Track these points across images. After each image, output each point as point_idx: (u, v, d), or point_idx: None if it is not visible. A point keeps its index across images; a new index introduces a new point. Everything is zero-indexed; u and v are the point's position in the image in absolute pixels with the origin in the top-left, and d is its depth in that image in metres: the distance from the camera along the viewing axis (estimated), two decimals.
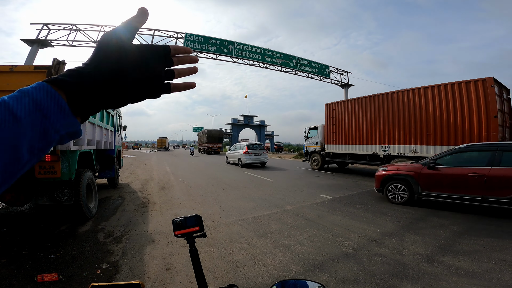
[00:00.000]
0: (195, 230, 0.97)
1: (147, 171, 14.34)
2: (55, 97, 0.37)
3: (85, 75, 0.40)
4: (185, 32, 22.01)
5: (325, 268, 3.15)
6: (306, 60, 27.83)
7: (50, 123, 0.36)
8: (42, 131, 0.36)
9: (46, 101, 0.36)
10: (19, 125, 0.33)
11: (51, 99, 0.36)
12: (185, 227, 0.96)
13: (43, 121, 0.36)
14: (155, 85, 0.45)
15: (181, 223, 0.97)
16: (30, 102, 0.35)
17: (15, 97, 0.35)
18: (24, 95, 0.35)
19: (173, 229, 0.97)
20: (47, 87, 0.37)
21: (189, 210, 5.93)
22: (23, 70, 3.68)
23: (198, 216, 0.98)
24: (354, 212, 5.62)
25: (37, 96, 0.36)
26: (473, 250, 3.58)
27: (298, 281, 0.82)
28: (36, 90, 0.36)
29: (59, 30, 19.76)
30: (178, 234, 0.97)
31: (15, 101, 0.34)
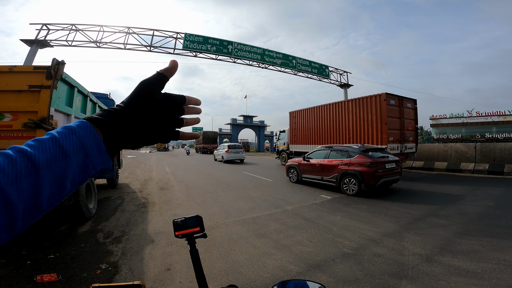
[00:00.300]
0: (195, 231, 0.97)
1: (147, 171, 14.33)
2: (96, 137, 0.41)
3: (120, 116, 0.45)
4: (185, 32, 22.01)
5: (324, 268, 3.15)
6: (306, 60, 27.84)
7: (90, 160, 0.40)
8: (84, 167, 0.40)
9: (89, 140, 0.40)
10: (67, 161, 0.38)
11: (93, 138, 0.41)
12: (185, 228, 0.96)
13: (85, 158, 0.40)
14: (169, 131, 0.51)
15: (181, 223, 0.96)
16: (77, 141, 0.39)
17: (63, 134, 0.39)
18: (71, 132, 0.39)
19: (174, 229, 0.97)
20: (90, 127, 0.41)
21: (188, 211, 5.93)
22: (23, 70, 3.68)
23: (198, 216, 0.98)
24: (353, 212, 5.62)
25: (82, 135, 0.40)
26: (472, 250, 3.59)
27: (299, 281, 0.82)
28: (81, 130, 0.40)
29: (59, 30, 19.74)
30: (178, 235, 0.97)
31: (65, 139, 0.38)
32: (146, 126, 0.47)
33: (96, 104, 5.79)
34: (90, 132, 0.41)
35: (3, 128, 3.38)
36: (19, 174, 0.33)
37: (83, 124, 0.41)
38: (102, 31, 20.57)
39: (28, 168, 0.34)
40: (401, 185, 9.11)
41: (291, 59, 26.72)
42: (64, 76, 3.81)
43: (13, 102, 3.43)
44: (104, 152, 0.42)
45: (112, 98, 8.15)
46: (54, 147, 0.37)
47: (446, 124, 40.06)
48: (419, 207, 5.95)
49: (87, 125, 0.41)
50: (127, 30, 21.07)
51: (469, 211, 5.55)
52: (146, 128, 0.47)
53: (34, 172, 0.34)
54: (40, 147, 0.36)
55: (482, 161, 11.81)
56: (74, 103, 4.36)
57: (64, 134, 0.39)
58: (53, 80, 3.49)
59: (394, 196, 7.26)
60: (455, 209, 5.79)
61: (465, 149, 12.54)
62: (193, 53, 22.65)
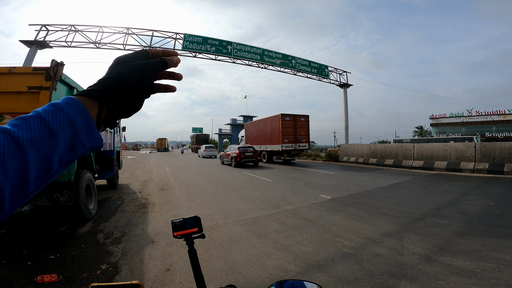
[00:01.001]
0: (194, 231, 0.97)
1: (147, 172, 14.34)
2: (85, 114, 0.40)
3: (111, 84, 0.45)
4: (184, 33, 22.00)
5: (324, 268, 3.16)
6: (305, 60, 27.82)
7: (78, 138, 0.39)
8: (72, 145, 0.39)
9: (77, 118, 0.39)
10: (54, 139, 0.36)
11: (81, 115, 0.40)
12: (184, 228, 0.97)
13: (73, 136, 0.39)
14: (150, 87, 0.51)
15: (180, 224, 0.97)
16: (64, 118, 0.38)
17: (50, 112, 0.37)
18: (58, 110, 0.38)
19: (172, 230, 0.98)
20: (79, 104, 0.40)
21: (188, 211, 5.94)
22: (22, 71, 3.68)
23: (196, 217, 0.99)
24: (353, 212, 5.63)
25: (70, 112, 0.39)
26: (472, 250, 3.59)
27: (296, 281, 0.82)
28: (69, 107, 0.39)
29: (58, 31, 19.73)
30: (177, 235, 0.97)
31: (50, 116, 0.37)
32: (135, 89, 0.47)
33: None
34: (78, 109, 0.40)
35: None
36: (2, 154, 0.32)
37: (71, 101, 0.40)
38: (101, 32, 20.57)
39: (12, 147, 0.32)
40: (400, 185, 9.14)
41: (290, 59, 26.72)
42: (63, 77, 3.82)
43: (12, 103, 3.43)
44: (94, 128, 0.41)
45: None
46: (39, 125, 0.35)
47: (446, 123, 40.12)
48: (418, 207, 5.96)
49: (75, 102, 0.40)
50: (126, 31, 21.07)
51: (469, 211, 5.56)
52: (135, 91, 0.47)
53: (18, 152, 0.33)
54: (24, 125, 0.35)
55: (482, 160, 11.81)
56: None
57: (50, 112, 0.37)
58: (52, 81, 3.49)
59: (394, 196, 7.27)
60: (455, 208, 5.80)
61: (464, 149, 12.55)
62: (193, 54, 22.65)
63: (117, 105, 0.46)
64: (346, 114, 29.63)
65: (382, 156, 16.32)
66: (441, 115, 40.83)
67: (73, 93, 4.31)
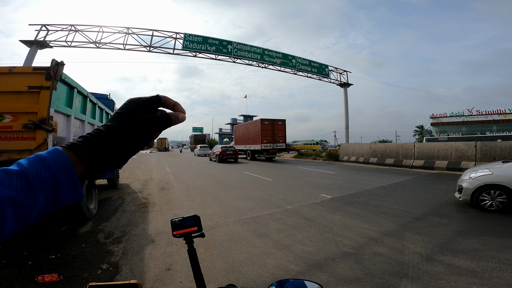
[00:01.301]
0: (193, 230, 0.97)
1: (147, 171, 14.34)
2: (71, 173, 0.39)
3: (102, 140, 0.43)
4: (184, 33, 21.99)
5: (325, 268, 3.16)
6: (306, 59, 27.79)
7: (60, 196, 0.39)
8: (52, 202, 0.38)
9: (62, 176, 0.38)
10: (35, 197, 0.36)
11: (67, 173, 0.39)
12: (183, 227, 0.96)
13: (56, 194, 0.38)
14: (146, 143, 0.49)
15: (179, 223, 0.97)
16: (49, 177, 0.37)
17: (35, 169, 0.36)
18: (44, 167, 0.37)
19: (172, 229, 0.98)
20: (66, 161, 0.39)
21: (189, 211, 5.94)
22: (22, 71, 3.67)
23: (196, 216, 0.98)
24: (354, 212, 5.62)
25: (55, 170, 0.38)
26: (473, 249, 3.59)
27: (296, 281, 0.82)
28: (56, 163, 0.38)
29: (58, 31, 19.72)
30: (176, 234, 0.97)
31: (35, 174, 0.36)
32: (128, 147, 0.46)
33: (96, 104, 5.79)
34: (64, 167, 0.38)
35: (3, 129, 3.38)
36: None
37: (59, 158, 0.38)
38: (101, 32, 20.57)
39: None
40: (400, 184, 9.13)
41: (290, 59, 26.70)
42: (64, 77, 3.81)
43: (12, 103, 3.43)
44: (77, 187, 0.40)
45: (112, 99, 8.14)
46: (22, 183, 0.35)
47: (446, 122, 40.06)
48: (419, 207, 5.95)
49: (63, 158, 0.39)
50: (127, 31, 21.07)
51: (469, 210, 5.55)
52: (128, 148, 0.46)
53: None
54: (6, 182, 0.34)
55: (482, 159, 11.80)
56: (74, 104, 4.36)
57: (35, 170, 0.36)
58: (53, 81, 3.49)
59: (394, 196, 7.26)
60: (456, 208, 5.79)
61: (465, 148, 12.54)
62: (193, 53, 22.65)
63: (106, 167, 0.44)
64: (347, 114, 29.61)
65: (382, 156, 16.31)
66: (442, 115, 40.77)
67: (73, 93, 4.31)
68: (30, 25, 19.32)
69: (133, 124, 0.45)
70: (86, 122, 5.15)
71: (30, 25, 19.31)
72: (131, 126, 0.45)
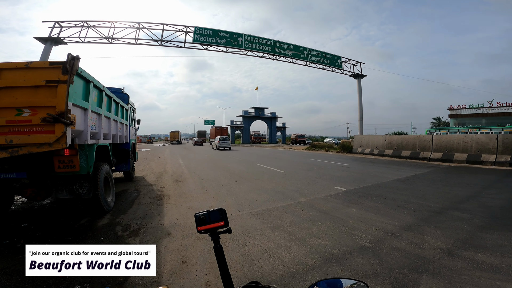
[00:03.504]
0: (219, 226, 0.91)
1: (161, 164, 14.56)
2: None
3: None
4: (194, 26, 21.94)
5: (341, 262, 3.10)
6: (317, 51, 27.27)
7: None
8: None
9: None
10: None
11: None
12: (209, 222, 0.90)
13: None
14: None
15: (204, 217, 0.90)
16: None
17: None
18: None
19: (196, 224, 0.90)
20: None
21: (203, 203, 5.98)
22: (39, 66, 3.73)
23: (222, 210, 0.91)
24: (370, 205, 5.51)
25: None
26: (496, 245, 3.45)
27: (330, 280, 0.77)
28: None
29: (71, 27, 20.03)
30: (201, 230, 0.90)
31: None
32: None
33: (111, 98, 5.85)
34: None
35: (23, 123, 3.46)
36: None
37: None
38: (113, 27, 20.78)
39: None
40: (418, 177, 8.88)
41: (302, 50, 26.26)
42: (80, 71, 3.85)
43: (30, 97, 3.49)
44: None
45: (126, 93, 8.23)
46: None
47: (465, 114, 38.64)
48: (438, 200, 5.77)
49: None
50: (138, 26, 21.20)
51: (491, 204, 5.34)
52: None
53: None
54: None
55: (504, 152, 11.33)
56: (90, 98, 4.41)
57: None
58: (70, 75, 3.52)
59: (412, 189, 7.08)
60: (477, 202, 5.59)
61: (486, 140, 12.07)
62: (203, 47, 22.60)
63: None
64: (361, 105, 29.02)
65: (398, 148, 15.93)
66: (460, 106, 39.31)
67: (89, 87, 4.35)
68: (43, 22, 19.73)
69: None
70: (103, 115, 5.21)
71: (44, 22, 19.72)
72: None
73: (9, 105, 3.46)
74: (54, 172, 4.15)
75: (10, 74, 3.59)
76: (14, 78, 3.57)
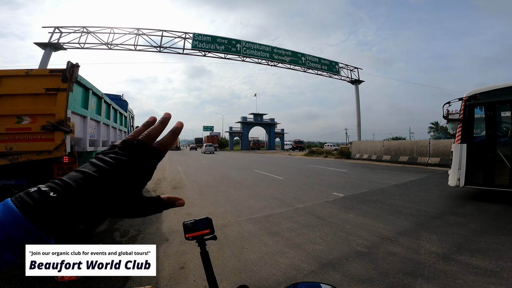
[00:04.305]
0: (205, 233, 0.97)
1: (160, 170, 14.55)
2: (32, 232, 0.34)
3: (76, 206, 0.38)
4: (193, 32, 22.13)
5: (337, 267, 3.13)
6: (315, 57, 27.52)
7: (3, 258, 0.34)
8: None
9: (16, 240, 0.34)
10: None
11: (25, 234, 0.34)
12: (195, 230, 0.96)
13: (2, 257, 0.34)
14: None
15: (191, 226, 0.96)
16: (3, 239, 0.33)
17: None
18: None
19: (184, 232, 0.97)
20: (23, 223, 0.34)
21: (201, 210, 5.99)
22: (39, 73, 3.78)
23: (208, 218, 0.98)
24: (367, 210, 5.54)
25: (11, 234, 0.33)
26: (491, 249, 3.48)
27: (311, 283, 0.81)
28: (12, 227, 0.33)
29: (71, 33, 20.15)
30: (188, 237, 0.97)
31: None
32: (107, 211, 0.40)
33: (110, 105, 5.91)
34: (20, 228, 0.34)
35: (23, 131, 3.50)
36: None
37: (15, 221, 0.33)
38: (112, 33, 20.94)
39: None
40: (415, 183, 8.93)
41: (300, 56, 26.50)
42: (79, 79, 3.90)
43: (30, 105, 3.54)
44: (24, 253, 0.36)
45: (125, 99, 8.30)
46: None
47: None
48: (435, 205, 5.81)
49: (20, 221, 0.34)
50: (137, 32, 21.38)
51: (487, 209, 5.38)
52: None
53: None
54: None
55: None
56: (89, 105, 4.46)
57: None
58: (69, 82, 3.57)
59: (409, 194, 7.12)
60: (473, 206, 5.63)
61: None
62: (202, 53, 22.77)
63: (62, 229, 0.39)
64: (358, 111, 29.20)
65: (396, 153, 16.01)
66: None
67: (88, 94, 4.41)
68: (43, 28, 19.83)
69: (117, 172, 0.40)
70: (102, 122, 5.26)
71: (44, 27, 19.81)
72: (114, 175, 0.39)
73: (9, 113, 3.50)
74: (53, 178, 4.17)
75: (10, 81, 3.64)
76: (14, 85, 3.61)
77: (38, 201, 0.35)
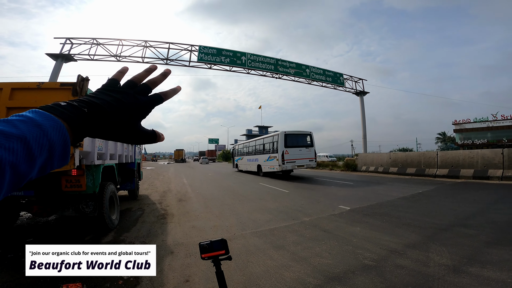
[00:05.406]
0: (221, 254, 1.00)
1: (165, 183, 14.61)
2: (66, 142, 0.39)
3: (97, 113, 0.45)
4: (199, 45, 22.61)
5: (344, 281, 3.07)
6: (320, 69, 27.74)
7: (51, 163, 0.39)
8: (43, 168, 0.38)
9: (58, 144, 0.38)
10: (31, 163, 0.35)
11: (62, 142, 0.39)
12: (211, 251, 1.00)
13: (48, 161, 0.38)
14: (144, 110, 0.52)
15: (207, 246, 1.00)
16: (46, 144, 0.36)
17: (35, 135, 0.35)
18: (43, 134, 0.36)
19: (200, 252, 1.01)
20: (63, 130, 0.39)
21: (206, 222, 5.97)
22: (50, 87, 3.90)
23: (223, 240, 1.02)
24: (374, 223, 5.45)
25: (53, 138, 0.37)
26: (503, 260, 3.39)
27: None
28: (54, 131, 0.37)
29: (81, 44, 20.73)
30: (205, 257, 1.00)
31: (34, 140, 0.35)
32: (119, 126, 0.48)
33: None
34: (62, 136, 0.38)
35: None
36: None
37: (56, 125, 0.38)
38: (121, 45, 21.51)
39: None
40: (424, 194, 8.79)
41: (304, 68, 26.74)
42: (89, 93, 4.02)
43: None
44: (68, 155, 0.40)
45: None
46: (22, 148, 0.34)
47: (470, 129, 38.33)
48: (444, 217, 5.69)
49: (60, 127, 0.38)
50: (145, 44, 21.93)
51: (498, 220, 5.25)
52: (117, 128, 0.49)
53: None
54: (6, 145, 0.32)
55: (510, 167, 11.19)
56: None
57: (35, 136, 0.35)
58: (79, 96, 3.67)
59: (418, 206, 7.00)
60: (483, 218, 5.50)
61: (492, 155, 11.96)
62: (208, 65, 23.18)
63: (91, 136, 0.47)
64: (364, 123, 29.11)
65: (403, 165, 15.82)
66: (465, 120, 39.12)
67: None
68: (55, 38, 20.48)
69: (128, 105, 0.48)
70: None
71: (55, 38, 20.45)
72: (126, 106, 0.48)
73: None
74: (61, 191, 4.24)
75: (22, 94, 3.76)
76: (26, 98, 3.72)
77: (75, 114, 0.42)
